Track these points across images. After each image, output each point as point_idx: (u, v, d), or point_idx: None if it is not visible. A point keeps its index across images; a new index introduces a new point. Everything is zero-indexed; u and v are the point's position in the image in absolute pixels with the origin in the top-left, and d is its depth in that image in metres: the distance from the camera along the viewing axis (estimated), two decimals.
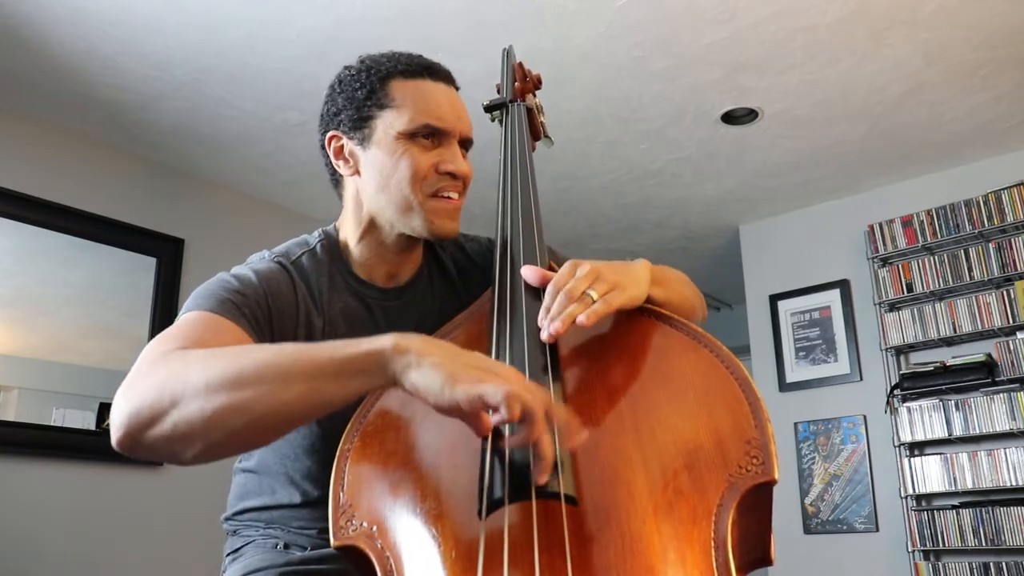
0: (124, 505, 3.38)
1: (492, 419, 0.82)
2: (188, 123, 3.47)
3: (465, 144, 1.20)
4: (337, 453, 0.93)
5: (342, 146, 1.18)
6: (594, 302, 0.97)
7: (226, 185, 4.05)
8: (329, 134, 1.19)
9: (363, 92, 1.16)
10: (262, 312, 1.06)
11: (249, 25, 2.84)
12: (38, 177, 3.37)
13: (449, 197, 1.15)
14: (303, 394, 0.83)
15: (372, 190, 1.16)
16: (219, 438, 0.84)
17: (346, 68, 1.22)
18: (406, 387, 0.82)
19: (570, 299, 0.96)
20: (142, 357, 0.92)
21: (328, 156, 1.21)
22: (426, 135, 1.14)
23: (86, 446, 3.32)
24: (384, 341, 0.83)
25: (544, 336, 0.96)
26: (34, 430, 3.21)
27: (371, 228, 1.19)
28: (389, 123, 1.14)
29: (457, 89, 1.23)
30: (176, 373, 0.86)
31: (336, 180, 1.24)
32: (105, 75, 3.10)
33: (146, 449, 0.87)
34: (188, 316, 1.02)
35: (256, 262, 1.15)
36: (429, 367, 0.80)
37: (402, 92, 1.15)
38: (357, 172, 1.18)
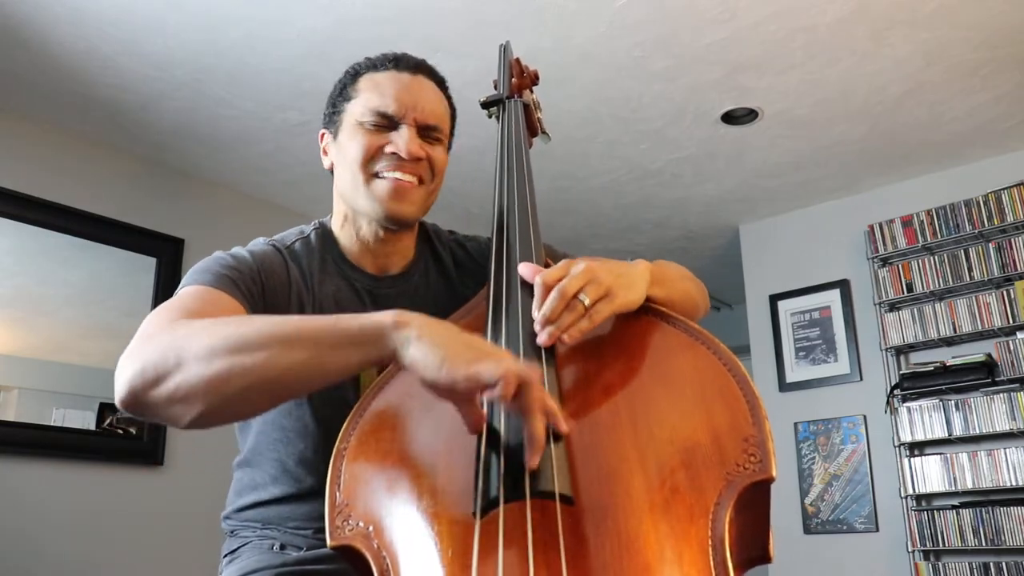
0: (124, 505, 3.38)
1: (486, 395, 0.81)
2: (188, 123, 3.47)
3: (429, 131, 1.20)
4: (333, 452, 0.93)
5: (326, 144, 1.26)
6: (585, 308, 0.96)
7: (226, 185, 4.05)
8: (320, 133, 1.27)
9: (337, 89, 1.24)
10: (256, 287, 1.11)
11: (249, 25, 2.84)
12: (38, 177, 3.37)
13: (396, 178, 1.16)
14: (303, 361, 0.85)
15: (338, 178, 1.22)
16: (218, 401, 0.86)
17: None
18: (405, 362, 0.83)
19: (562, 298, 0.96)
20: (146, 324, 0.96)
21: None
22: (377, 121, 1.17)
23: (86, 446, 3.32)
24: (385, 316, 0.85)
25: (540, 340, 0.96)
26: (34, 430, 3.21)
27: (347, 218, 1.24)
28: (350, 113, 1.20)
29: (439, 81, 1.25)
30: (182, 337, 0.89)
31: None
32: (105, 75, 3.11)
33: (148, 408, 0.89)
34: (187, 290, 1.06)
35: (252, 244, 1.20)
36: (428, 344, 0.82)
37: (366, 84, 1.20)
38: (333, 164, 1.24)
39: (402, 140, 1.16)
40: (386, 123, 1.17)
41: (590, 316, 0.96)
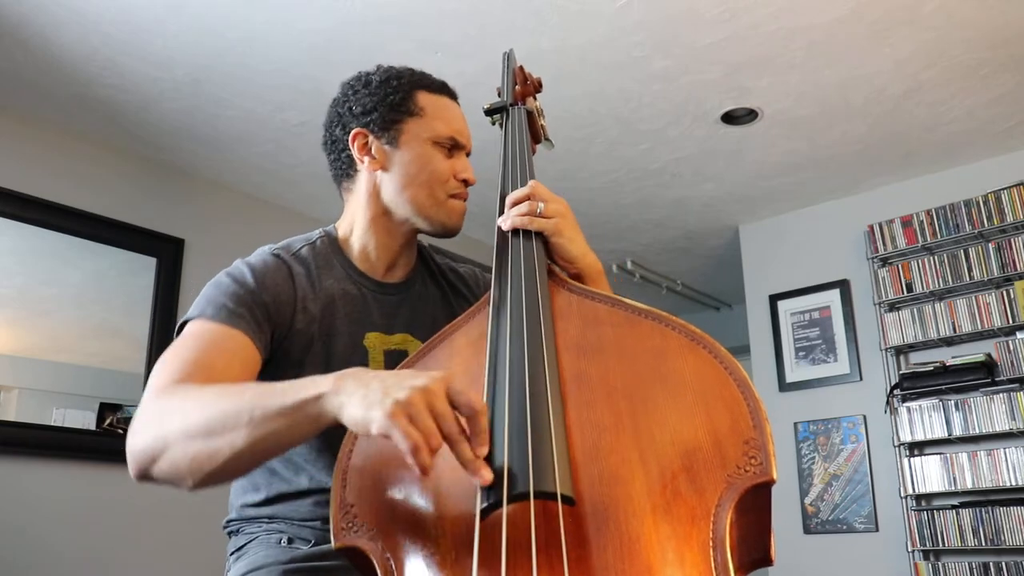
0: (125, 505, 3.37)
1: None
2: (188, 123, 3.47)
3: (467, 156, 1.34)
4: (339, 455, 0.94)
5: (367, 143, 1.28)
6: (537, 213, 1.18)
7: (226, 185, 4.05)
8: (355, 130, 1.28)
9: (395, 98, 1.28)
10: (259, 306, 1.15)
11: (249, 26, 2.84)
12: (38, 177, 3.37)
13: (464, 201, 1.31)
14: (262, 439, 0.90)
15: (396, 185, 1.27)
16: (201, 478, 0.94)
17: (369, 73, 1.32)
18: (346, 424, 0.85)
19: (533, 194, 1.19)
20: (147, 391, 1.03)
21: (349, 150, 1.29)
22: (450, 145, 1.29)
23: (86, 446, 3.32)
24: (324, 383, 0.87)
25: (505, 226, 1.18)
26: (34, 430, 3.21)
27: (382, 217, 1.29)
28: (419, 129, 1.27)
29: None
30: (165, 418, 0.97)
31: (346, 173, 1.32)
32: (105, 75, 3.11)
33: (154, 482, 1.00)
34: (189, 329, 1.12)
35: (254, 257, 1.24)
36: (359, 400, 0.82)
37: (430, 104, 1.29)
38: (382, 167, 1.27)
39: (470, 169, 1.31)
40: (453, 148, 1.30)
41: (535, 217, 1.18)
